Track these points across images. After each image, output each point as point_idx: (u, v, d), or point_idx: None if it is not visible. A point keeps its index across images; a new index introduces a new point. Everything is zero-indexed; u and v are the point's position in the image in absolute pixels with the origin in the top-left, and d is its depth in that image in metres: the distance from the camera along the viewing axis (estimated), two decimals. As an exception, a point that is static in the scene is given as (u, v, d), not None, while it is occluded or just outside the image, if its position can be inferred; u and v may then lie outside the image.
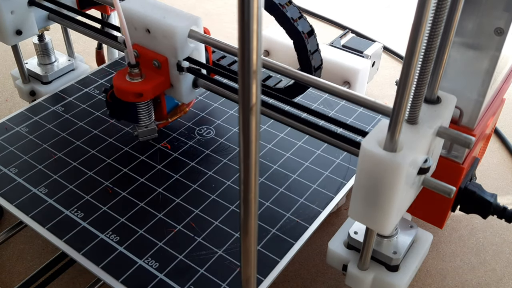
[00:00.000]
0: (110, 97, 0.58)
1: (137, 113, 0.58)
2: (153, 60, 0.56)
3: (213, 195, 0.57)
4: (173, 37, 0.54)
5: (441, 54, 0.41)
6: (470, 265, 0.63)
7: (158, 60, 0.56)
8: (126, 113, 0.59)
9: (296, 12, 0.57)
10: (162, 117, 0.62)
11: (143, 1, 0.57)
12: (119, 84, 0.56)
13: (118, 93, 0.56)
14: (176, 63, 0.56)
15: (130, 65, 0.56)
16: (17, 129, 0.65)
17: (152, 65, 0.57)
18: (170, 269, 0.49)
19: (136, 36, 0.57)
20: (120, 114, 0.59)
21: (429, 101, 0.43)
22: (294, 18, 0.56)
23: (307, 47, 0.56)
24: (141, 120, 0.59)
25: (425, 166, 0.41)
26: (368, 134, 0.40)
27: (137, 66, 0.56)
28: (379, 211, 0.41)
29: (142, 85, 0.56)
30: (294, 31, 0.56)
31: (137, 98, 0.56)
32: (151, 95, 0.57)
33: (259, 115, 0.28)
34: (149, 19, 0.55)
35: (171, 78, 0.58)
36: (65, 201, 0.56)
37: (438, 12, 0.36)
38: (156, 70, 0.57)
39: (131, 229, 0.53)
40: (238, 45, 0.25)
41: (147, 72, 0.57)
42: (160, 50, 0.56)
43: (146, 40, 0.57)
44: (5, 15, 0.65)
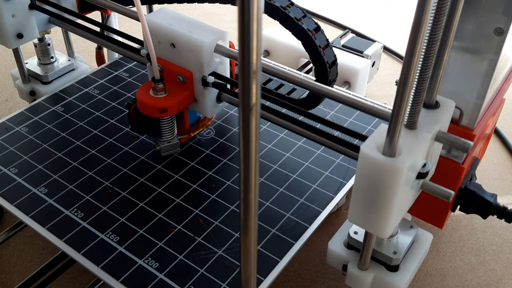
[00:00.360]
0: (133, 112, 0.57)
1: (160, 128, 0.57)
2: (177, 75, 0.55)
3: (213, 195, 0.57)
4: (199, 52, 0.53)
5: (440, 59, 0.41)
6: (470, 265, 0.63)
7: (183, 74, 0.55)
8: (149, 128, 0.58)
9: (299, 12, 0.57)
10: (184, 131, 0.61)
11: (168, 15, 0.56)
12: (143, 99, 0.55)
13: (142, 108, 0.55)
14: (201, 78, 0.55)
15: (155, 80, 0.54)
16: (17, 129, 0.65)
17: (176, 79, 0.56)
18: (170, 269, 0.49)
19: (160, 50, 0.56)
20: (142, 129, 0.59)
21: (428, 106, 0.43)
22: (298, 18, 0.56)
23: (316, 42, 0.55)
24: (164, 135, 0.58)
25: (424, 171, 0.41)
26: (367, 139, 0.40)
27: (161, 81, 0.54)
28: (378, 215, 0.41)
29: (167, 101, 0.54)
30: (300, 30, 0.55)
31: (161, 114, 0.55)
32: (175, 111, 0.55)
33: (259, 115, 0.28)
34: (174, 33, 0.54)
35: (195, 93, 0.56)
36: (65, 201, 0.56)
37: (438, 12, 0.36)
38: (180, 84, 0.56)
39: (131, 229, 0.53)
40: (238, 45, 0.25)
41: (171, 86, 0.56)
42: (185, 64, 0.55)
43: (171, 54, 0.55)
44: (6, 19, 0.65)
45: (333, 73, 0.57)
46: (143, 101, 0.55)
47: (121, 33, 0.65)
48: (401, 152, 0.39)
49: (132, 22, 1.05)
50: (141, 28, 0.52)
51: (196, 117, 0.63)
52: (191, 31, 0.53)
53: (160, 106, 0.54)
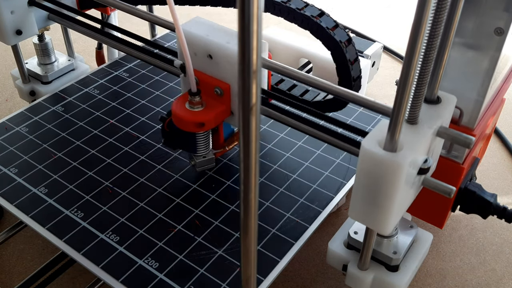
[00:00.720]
0: (168, 126, 0.55)
1: (196, 143, 0.55)
2: (215, 87, 0.52)
3: (213, 195, 0.57)
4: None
5: (441, 54, 0.41)
6: (470, 265, 0.63)
7: (220, 87, 0.52)
8: (183, 143, 0.56)
9: (331, 21, 0.56)
10: (219, 145, 0.58)
11: (203, 24, 0.53)
12: (179, 113, 0.52)
13: (178, 122, 0.52)
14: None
15: (191, 93, 0.51)
16: (17, 129, 0.65)
17: (213, 92, 0.53)
18: (170, 269, 0.49)
19: (195, 61, 0.53)
20: (176, 144, 0.57)
21: (429, 101, 0.43)
22: (330, 27, 0.56)
23: (346, 56, 0.54)
24: (199, 150, 0.56)
25: (425, 166, 0.41)
26: (368, 134, 0.40)
27: (198, 94, 0.52)
28: (379, 211, 0.41)
29: (204, 115, 0.51)
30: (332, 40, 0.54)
31: (198, 128, 0.52)
32: (213, 125, 0.53)
33: (259, 115, 0.28)
34: (212, 44, 0.50)
35: (232, 106, 0.53)
36: (65, 201, 0.56)
37: (438, 12, 0.36)
38: (217, 97, 0.53)
39: (131, 229, 0.53)
40: (238, 45, 0.25)
41: (207, 99, 0.53)
42: (223, 76, 0.52)
43: (207, 66, 0.52)
44: (5, 15, 0.65)
45: (356, 69, 0.56)
46: (180, 115, 0.51)
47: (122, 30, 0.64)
48: (402, 147, 0.39)
49: (132, 22, 1.05)
50: (177, 39, 0.49)
51: (230, 130, 0.60)
52: (230, 42, 0.50)
53: (197, 120, 0.51)
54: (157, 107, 0.69)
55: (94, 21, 0.66)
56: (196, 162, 0.57)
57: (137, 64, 0.77)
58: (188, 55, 0.49)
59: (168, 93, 0.71)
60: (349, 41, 0.55)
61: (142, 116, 0.67)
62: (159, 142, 0.63)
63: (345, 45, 0.55)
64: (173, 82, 0.74)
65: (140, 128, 0.65)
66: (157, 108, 0.69)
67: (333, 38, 0.54)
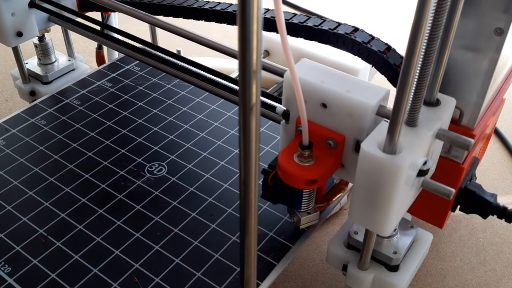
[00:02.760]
0: (272, 181, 0.50)
1: (302, 199, 0.51)
2: (327, 139, 0.46)
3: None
4: (361, 116, 0.43)
5: (441, 57, 0.41)
6: (470, 265, 0.63)
7: (334, 139, 0.45)
8: (288, 199, 0.51)
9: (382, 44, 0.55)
10: (321, 198, 0.54)
11: (316, 69, 0.47)
12: (289, 169, 0.45)
13: (286, 178, 0.46)
14: (355, 143, 0.45)
15: (303, 146, 0.45)
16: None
17: (324, 144, 0.46)
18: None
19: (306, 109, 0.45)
20: (278, 198, 0.52)
21: (429, 104, 0.43)
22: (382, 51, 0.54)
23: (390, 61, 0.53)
24: (304, 206, 0.52)
25: (425, 168, 0.41)
26: (368, 136, 0.40)
27: (310, 147, 0.45)
28: (379, 213, 0.41)
29: (317, 171, 0.45)
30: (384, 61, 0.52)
31: (309, 185, 0.46)
32: (325, 181, 0.47)
33: (259, 115, 0.28)
34: (328, 92, 0.45)
35: (343, 158, 0.47)
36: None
37: (437, 13, 0.36)
38: (327, 149, 0.46)
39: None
40: (238, 45, 0.25)
41: (317, 152, 0.46)
42: (338, 128, 0.46)
43: (319, 116, 0.46)
44: (5, 17, 0.65)
45: None
46: (289, 170, 0.45)
47: (122, 32, 0.64)
48: (402, 149, 0.39)
49: (132, 23, 1.05)
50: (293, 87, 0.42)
51: (330, 181, 0.55)
52: (350, 91, 0.44)
53: (309, 177, 0.45)
54: (154, 109, 0.69)
55: (94, 22, 0.67)
56: (300, 219, 0.52)
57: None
58: (303, 104, 0.43)
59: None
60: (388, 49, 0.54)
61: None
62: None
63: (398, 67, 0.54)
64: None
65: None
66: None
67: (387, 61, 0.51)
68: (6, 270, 0.49)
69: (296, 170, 0.45)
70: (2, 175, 0.59)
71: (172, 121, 0.66)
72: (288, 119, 0.47)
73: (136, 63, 0.77)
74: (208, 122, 0.66)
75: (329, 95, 0.44)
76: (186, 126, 0.66)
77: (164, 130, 0.65)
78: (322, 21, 0.55)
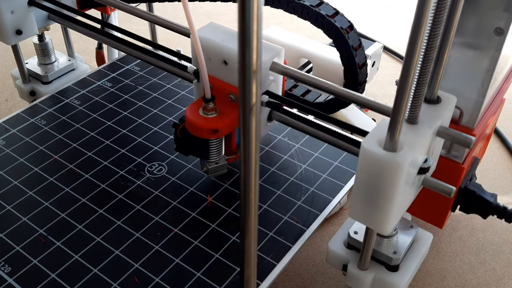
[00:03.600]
0: (181, 133, 0.55)
1: (209, 149, 0.54)
2: (229, 94, 0.52)
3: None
4: None
5: (441, 54, 0.41)
6: (470, 265, 0.63)
7: (235, 93, 0.51)
8: (196, 149, 0.55)
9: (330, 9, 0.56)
10: (231, 151, 0.57)
11: (219, 30, 0.53)
12: (193, 120, 0.51)
13: (191, 129, 0.52)
14: None
15: (205, 99, 0.51)
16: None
17: (227, 98, 0.52)
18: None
19: (210, 67, 0.52)
20: (189, 150, 0.56)
21: (429, 101, 0.43)
22: (330, 15, 0.56)
23: (349, 42, 0.54)
24: (212, 156, 0.55)
25: (425, 166, 0.41)
26: (368, 134, 0.40)
27: (212, 100, 0.51)
28: (379, 211, 0.41)
29: (218, 121, 0.51)
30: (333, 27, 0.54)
31: (212, 135, 0.52)
32: (227, 131, 0.53)
33: (259, 115, 0.28)
34: (227, 50, 0.50)
35: None
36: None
37: (438, 12, 0.36)
38: (230, 104, 0.52)
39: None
40: (238, 45, 0.25)
41: (221, 106, 0.52)
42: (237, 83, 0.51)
43: (222, 72, 0.52)
44: (5, 15, 0.65)
45: (363, 74, 0.56)
46: (193, 121, 0.51)
47: (122, 30, 0.64)
48: (402, 147, 0.39)
49: (131, 22, 1.05)
50: (192, 44, 0.48)
51: None
52: None
53: (211, 127, 0.51)
54: (154, 109, 0.69)
55: (94, 21, 0.66)
56: (208, 169, 0.56)
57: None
58: (203, 61, 0.48)
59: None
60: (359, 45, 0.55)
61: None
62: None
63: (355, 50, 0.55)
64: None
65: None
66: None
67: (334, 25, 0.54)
68: (6, 270, 0.49)
69: (199, 121, 0.51)
70: (2, 175, 0.59)
71: (172, 121, 0.66)
72: (198, 78, 0.51)
73: (136, 62, 0.77)
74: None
75: (228, 52, 0.50)
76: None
77: (164, 130, 0.65)
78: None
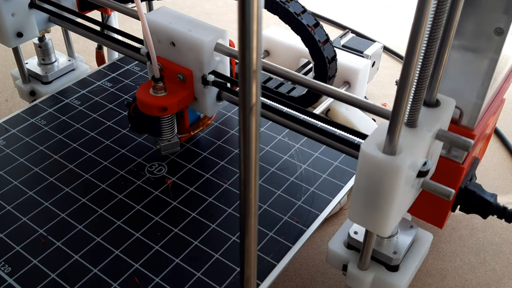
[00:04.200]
0: (133, 111, 0.57)
1: (160, 127, 0.57)
2: (177, 74, 0.55)
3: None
4: (199, 51, 0.53)
5: (440, 58, 0.41)
6: (470, 265, 0.63)
7: (183, 73, 0.55)
8: (148, 127, 0.58)
9: (299, 7, 0.57)
10: (184, 130, 0.61)
11: (167, 13, 0.56)
12: (143, 98, 0.55)
13: (141, 107, 0.56)
14: (201, 77, 0.55)
15: (154, 78, 0.55)
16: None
17: (176, 78, 0.56)
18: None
19: (159, 48, 0.56)
20: (142, 128, 0.59)
21: (428, 104, 0.43)
22: (298, 13, 0.56)
23: (315, 37, 0.55)
24: (164, 134, 0.58)
25: (424, 169, 0.41)
26: (368, 137, 0.40)
27: (161, 79, 0.55)
28: (379, 213, 0.41)
29: (167, 99, 0.55)
30: (299, 25, 0.55)
31: (161, 112, 0.55)
32: (175, 109, 0.56)
33: (259, 115, 0.28)
34: (174, 31, 0.54)
35: (195, 92, 0.57)
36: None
37: (437, 13, 0.36)
38: (180, 83, 0.56)
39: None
40: (238, 45, 0.25)
41: (170, 85, 0.56)
42: (185, 63, 0.55)
43: (171, 53, 0.56)
44: (6, 18, 0.65)
45: (332, 69, 0.57)
46: (143, 100, 0.55)
47: (122, 32, 0.65)
48: (402, 150, 0.39)
49: (132, 22, 1.05)
50: (141, 27, 0.52)
51: (196, 116, 0.63)
52: (191, 30, 0.53)
53: (160, 104, 0.54)
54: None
55: (94, 23, 0.66)
56: (161, 146, 0.59)
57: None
58: (151, 42, 0.52)
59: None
60: (317, 25, 0.56)
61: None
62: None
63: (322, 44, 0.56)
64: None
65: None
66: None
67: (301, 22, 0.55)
68: (6, 270, 0.49)
69: (149, 99, 0.55)
70: (2, 175, 0.59)
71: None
72: (150, 59, 0.54)
73: (136, 63, 0.77)
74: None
75: (175, 34, 0.54)
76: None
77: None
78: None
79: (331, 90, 0.50)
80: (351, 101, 0.49)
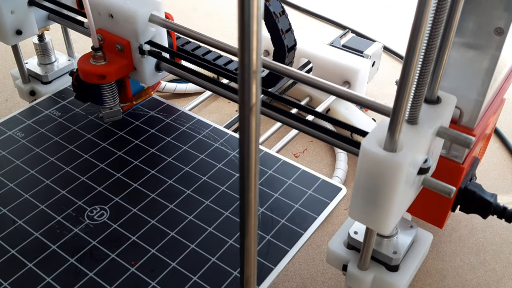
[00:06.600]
0: (76, 80, 0.61)
1: (102, 95, 0.60)
2: (116, 44, 0.59)
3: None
4: (134, 21, 0.57)
5: (441, 54, 0.41)
6: (470, 265, 0.63)
7: (120, 43, 0.59)
8: (91, 95, 0.61)
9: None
10: (127, 99, 0.65)
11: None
12: (83, 67, 0.59)
13: (82, 75, 0.59)
14: (138, 47, 0.59)
15: (94, 48, 0.59)
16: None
17: (115, 49, 0.60)
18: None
19: (100, 21, 0.61)
20: (85, 96, 0.62)
21: (429, 101, 0.43)
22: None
23: (278, 26, 0.58)
24: (106, 102, 0.61)
25: (425, 166, 0.41)
26: (368, 134, 0.40)
27: (100, 49, 0.59)
28: (379, 211, 0.41)
29: (105, 67, 0.59)
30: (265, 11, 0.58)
31: (100, 80, 0.59)
32: (114, 77, 0.60)
33: (259, 115, 0.28)
34: (112, 4, 0.58)
35: (134, 61, 0.61)
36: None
37: (438, 12, 0.36)
38: (119, 53, 0.60)
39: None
40: (238, 45, 0.25)
41: (111, 55, 0.60)
42: (122, 34, 0.59)
43: (110, 25, 0.60)
44: (5, 15, 0.65)
45: (290, 57, 0.59)
46: (83, 68, 0.59)
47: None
48: (402, 147, 0.39)
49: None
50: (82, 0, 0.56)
51: (139, 87, 0.66)
52: (127, 2, 0.57)
53: (98, 72, 0.58)
54: (152, 111, 0.68)
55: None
56: (103, 114, 0.62)
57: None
58: (90, 14, 0.56)
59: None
60: (282, 13, 0.61)
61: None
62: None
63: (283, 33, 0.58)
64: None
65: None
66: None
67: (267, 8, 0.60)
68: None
69: (88, 67, 0.59)
70: (2, 175, 0.59)
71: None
72: None
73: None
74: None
75: (113, 6, 0.58)
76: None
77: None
78: None
79: (330, 86, 0.50)
80: (354, 98, 0.49)
